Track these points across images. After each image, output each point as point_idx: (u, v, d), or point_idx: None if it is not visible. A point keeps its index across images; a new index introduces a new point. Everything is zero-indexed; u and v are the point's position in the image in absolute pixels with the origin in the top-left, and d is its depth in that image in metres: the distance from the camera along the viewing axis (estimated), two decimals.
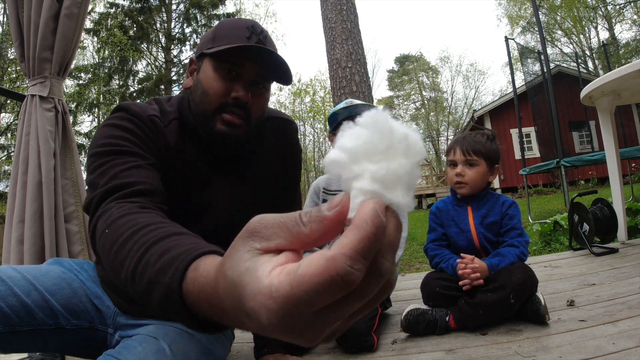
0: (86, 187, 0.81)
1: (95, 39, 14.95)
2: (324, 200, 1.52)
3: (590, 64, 18.57)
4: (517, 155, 12.49)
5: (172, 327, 0.85)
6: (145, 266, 0.46)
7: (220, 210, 0.92)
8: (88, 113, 15.16)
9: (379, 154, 0.28)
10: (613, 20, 17.59)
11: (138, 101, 0.96)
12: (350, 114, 1.44)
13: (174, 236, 0.49)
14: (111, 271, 0.54)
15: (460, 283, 1.25)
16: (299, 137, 1.13)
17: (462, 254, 1.32)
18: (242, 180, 0.96)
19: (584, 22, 18.36)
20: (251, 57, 0.83)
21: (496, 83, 49.27)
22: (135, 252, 0.50)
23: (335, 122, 1.52)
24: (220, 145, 0.89)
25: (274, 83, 0.93)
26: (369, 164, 0.28)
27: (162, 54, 15.82)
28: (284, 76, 0.88)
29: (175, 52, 15.77)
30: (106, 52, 14.95)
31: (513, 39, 6.52)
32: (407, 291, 1.88)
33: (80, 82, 15.25)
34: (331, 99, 5.78)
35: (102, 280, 0.94)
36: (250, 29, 0.85)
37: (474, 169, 1.43)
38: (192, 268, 0.39)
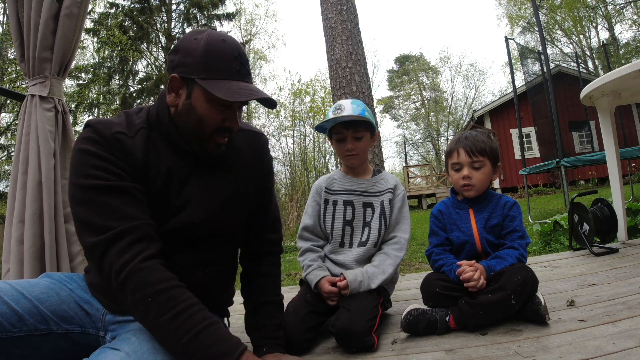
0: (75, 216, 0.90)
1: (95, 39, 14.92)
2: (326, 200, 1.52)
3: (590, 64, 18.56)
4: (517, 155, 12.49)
5: None
6: (199, 347, 0.80)
7: (198, 207, 0.97)
8: (88, 113, 15.10)
9: None
10: (613, 20, 17.58)
11: (138, 101, 1.04)
12: (336, 122, 1.44)
13: (212, 326, 0.83)
14: (158, 327, 0.82)
15: (466, 285, 1.24)
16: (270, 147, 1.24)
17: (458, 263, 1.29)
18: (219, 179, 1.03)
19: (584, 22, 18.34)
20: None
21: (496, 83, 48.95)
22: (187, 330, 0.80)
23: (324, 131, 1.54)
24: (203, 157, 0.99)
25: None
26: None
27: (162, 54, 15.80)
28: (268, 103, 0.97)
29: None
30: (106, 52, 14.93)
31: (513, 39, 6.52)
32: (407, 291, 1.88)
33: (80, 82, 15.24)
34: (331, 99, 5.77)
35: (92, 287, 1.00)
36: (239, 58, 0.92)
37: (480, 170, 1.39)
38: None
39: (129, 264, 0.82)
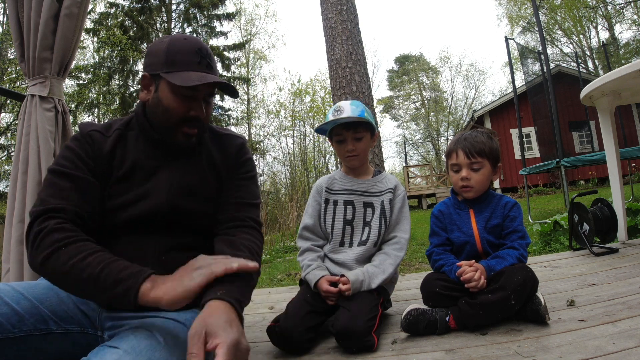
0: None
1: (95, 39, 14.91)
2: (326, 200, 1.53)
3: (590, 64, 18.56)
4: (517, 155, 12.49)
5: (156, 317, 0.91)
6: (110, 273, 0.81)
7: (160, 195, 1.02)
8: (88, 113, 15.08)
9: None
10: (613, 20, 17.57)
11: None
12: (335, 124, 1.45)
13: (118, 261, 0.84)
14: (69, 271, 0.82)
15: (467, 285, 1.24)
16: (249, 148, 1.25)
17: (458, 264, 1.29)
18: (188, 171, 1.07)
19: (584, 22, 18.34)
20: (204, 84, 0.99)
21: (496, 83, 48.85)
22: (98, 263, 0.82)
23: (324, 133, 1.54)
24: (175, 148, 1.06)
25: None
26: None
27: None
28: (228, 89, 1.05)
29: None
30: (106, 52, 14.91)
31: (513, 39, 6.52)
32: (407, 291, 1.88)
33: (80, 82, 15.22)
34: (331, 99, 5.77)
35: None
36: (199, 52, 1.01)
37: (479, 171, 1.38)
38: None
39: (45, 228, 0.87)
